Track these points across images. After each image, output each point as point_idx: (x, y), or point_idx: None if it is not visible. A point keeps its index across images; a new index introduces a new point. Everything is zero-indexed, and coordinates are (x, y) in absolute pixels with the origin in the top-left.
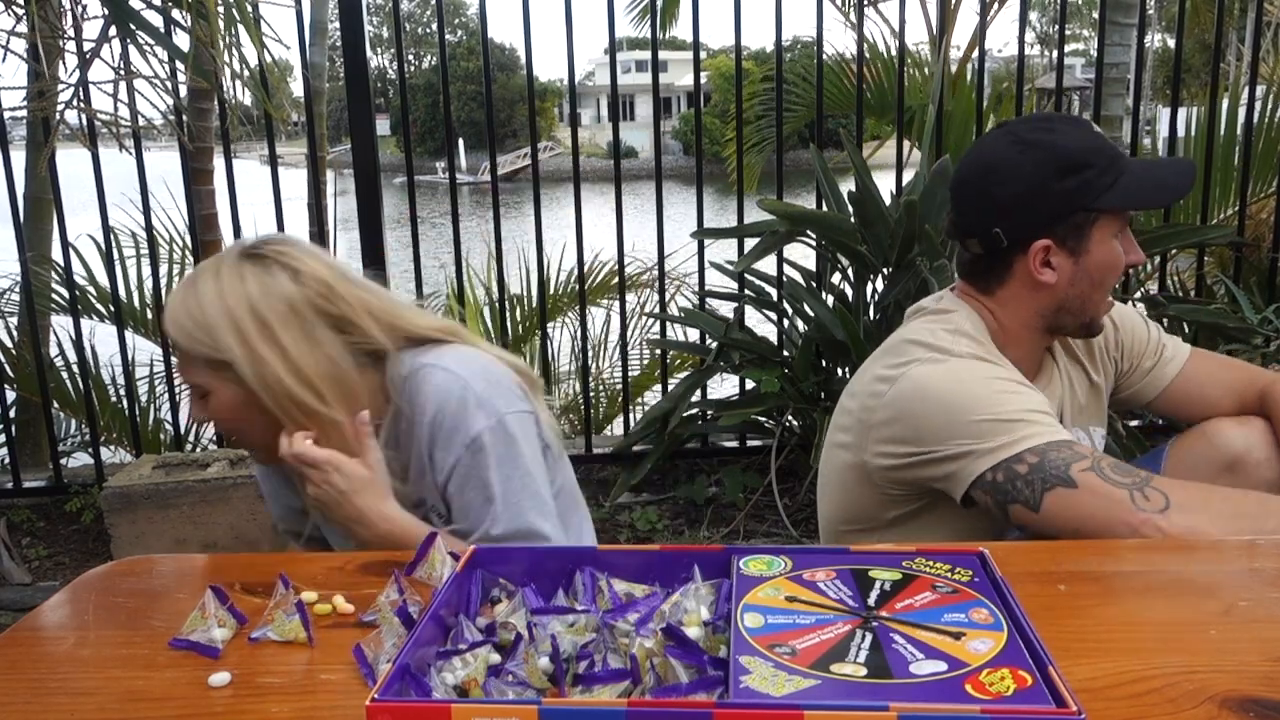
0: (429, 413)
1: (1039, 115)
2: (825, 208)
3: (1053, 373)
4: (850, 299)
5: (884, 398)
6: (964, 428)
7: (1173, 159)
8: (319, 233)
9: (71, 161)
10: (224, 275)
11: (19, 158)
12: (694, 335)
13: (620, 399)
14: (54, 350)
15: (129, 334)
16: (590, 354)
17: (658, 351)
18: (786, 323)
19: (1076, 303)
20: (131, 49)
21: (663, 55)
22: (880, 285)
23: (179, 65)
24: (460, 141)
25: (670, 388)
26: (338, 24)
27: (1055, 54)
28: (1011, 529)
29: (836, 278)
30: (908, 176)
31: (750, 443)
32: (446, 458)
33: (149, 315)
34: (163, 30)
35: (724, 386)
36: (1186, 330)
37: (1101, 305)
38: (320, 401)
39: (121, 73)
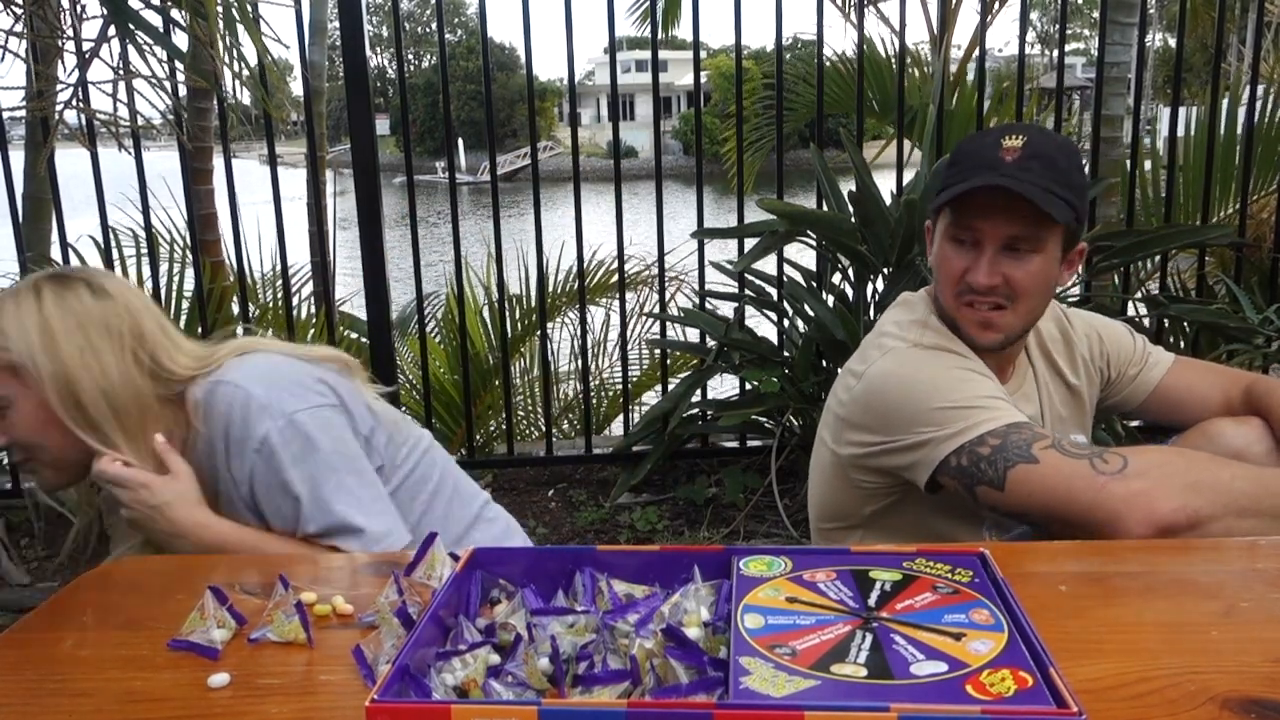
0: (219, 428)
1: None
2: (825, 207)
3: (1026, 376)
4: (850, 299)
5: (853, 391)
6: (925, 415)
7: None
8: (319, 232)
9: (70, 161)
10: (20, 292)
11: (18, 158)
12: (694, 335)
13: (620, 399)
14: None
15: None
16: (590, 354)
17: (658, 351)
18: (786, 323)
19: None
20: (130, 49)
21: (663, 55)
22: (880, 285)
23: (178, 65)
24: (460, 141)
25: (670, 388)
26: (337, 23)
27: (1056, 53)
28: (987, 527)
29: (837, 278)
30: (908, 176)
31: (750, 443)
32: (242, 467)
33: None
34: (162, 30)
35: (724, 386)
36: (1188, 330)
37: (948, 303)
38: (114, 416)
39: (120, 72)
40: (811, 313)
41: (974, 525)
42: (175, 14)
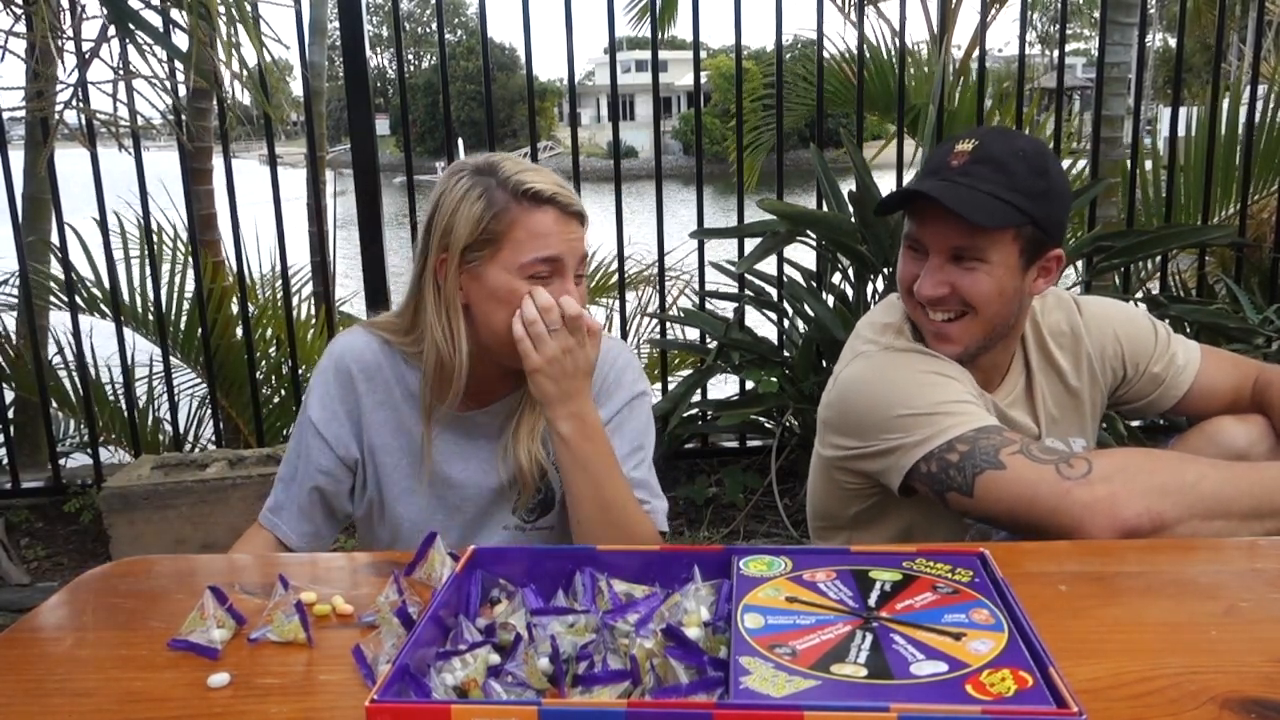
0: (600, 370)
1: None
2: (825, 208)
3: (1019, 380)
4: (850, 299)
5: (829, 394)
6: (890, 422)
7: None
8: (319, 232)
9: (70, 161)
10: None
11: (18, 158)
12: (694, 335)
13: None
14: (53, 350)
15: (128, 334)
16: None
17: (658, 351)
18: (786, 323)
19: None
20: (130, 49)
21: (663, 55)
22: (880, 285)
23: (178, 65)
24: (460, 141)
25: (670, 388)
26: (337, 24)
27: (1056, 53)
28: (971, 536)
29: (837, 278)
30: (908, 176)
31: (750, 443)
32: (610, 406)
33: (148, 315)
34: (162, 30)
35: (724, 386)
36: (1188, 330)
37: (908, 309)
38: None
39: (120, 73)
40: (811, 313)
41: (958, 530)
42: (175, 14)
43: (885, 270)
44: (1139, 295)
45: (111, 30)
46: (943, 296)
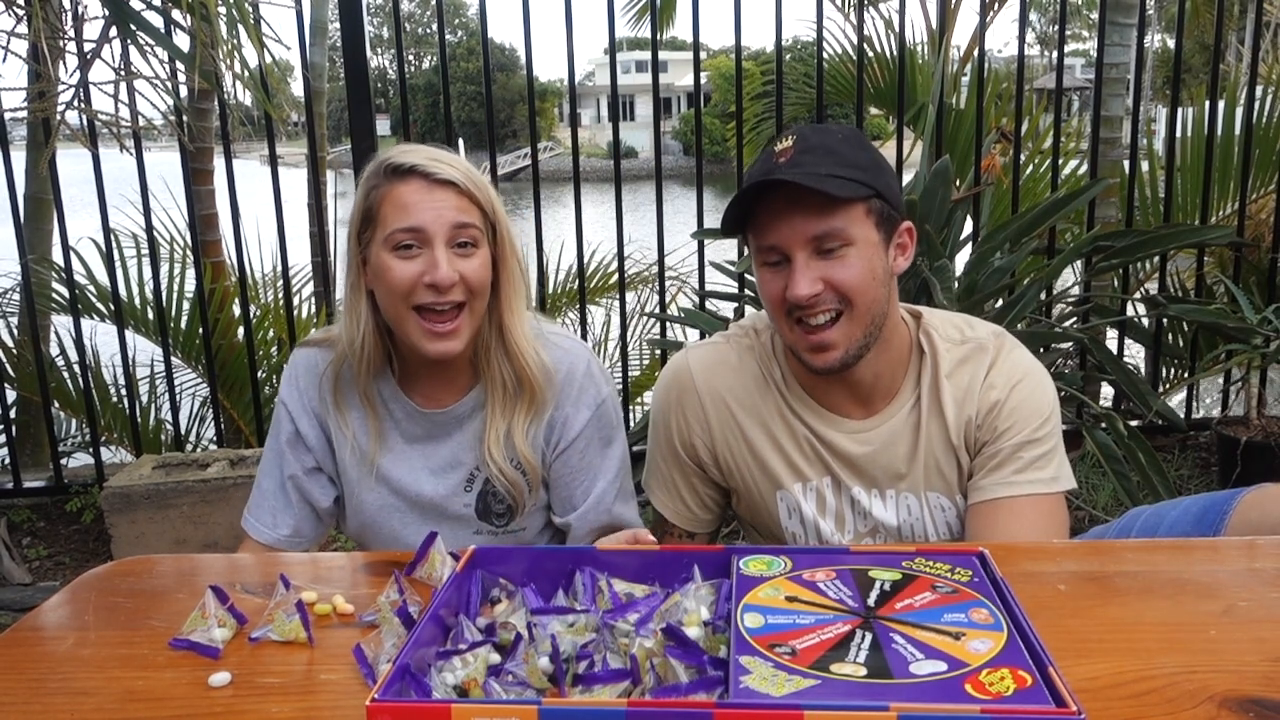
0: (559, 374)
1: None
2: None
3: (901, 409)
4: None
5: None
6: None
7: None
8: (319, 233)
9: (72, 161)
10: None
11: (19, 158)
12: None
13: (620, 399)
14: (54, 350)
15: (129, 334)
16: None
17: (658, 351)
18: None
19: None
20: (132, 49)
21: (663, 55)
22: None
23: (179, 65)
24: (460, 141)
25: None
26: (338, 24)
27: (1055, 54)
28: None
29: None
30: (908, 176)
31: None
32: (577, 414)
33: (149, 315)
34: (163, 31)
35: None
36: (1186, 330)
37: (783, 332)
38: (520, 303)
39: (122, 73)
40: None
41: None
42: (176, 15)
43: None
44: (1138, 295)
45: (113, 31)
46: (819, 293)
